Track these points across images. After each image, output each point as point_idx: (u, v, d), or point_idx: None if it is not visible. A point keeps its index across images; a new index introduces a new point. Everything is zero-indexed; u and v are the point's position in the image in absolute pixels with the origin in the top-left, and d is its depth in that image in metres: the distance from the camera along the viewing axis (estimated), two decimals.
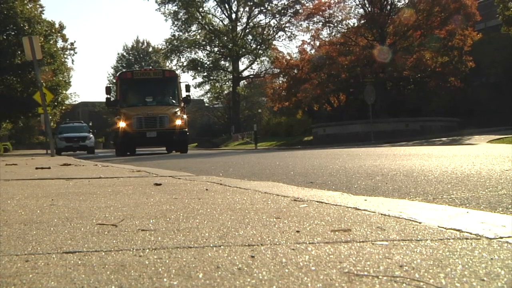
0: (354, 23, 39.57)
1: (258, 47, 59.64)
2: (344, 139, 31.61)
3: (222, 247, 1.85)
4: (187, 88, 26.83)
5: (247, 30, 60.55)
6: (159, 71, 27.98)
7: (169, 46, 59.41)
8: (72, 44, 55.49)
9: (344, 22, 39.39)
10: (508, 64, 33.20)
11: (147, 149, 33.49)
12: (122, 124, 23.72)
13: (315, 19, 38.60)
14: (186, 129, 24.70)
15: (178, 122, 23.88)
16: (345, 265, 1.55)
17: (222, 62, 62.23)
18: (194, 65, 59.49)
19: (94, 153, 36.14)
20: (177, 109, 24.60)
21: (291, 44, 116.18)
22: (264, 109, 66.08)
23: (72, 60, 78.14)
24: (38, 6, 40.94)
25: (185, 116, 25.21)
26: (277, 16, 58.76)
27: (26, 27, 34.72)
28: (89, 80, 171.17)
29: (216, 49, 60.68)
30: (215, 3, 59.63)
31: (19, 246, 1.96)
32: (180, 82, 27.15)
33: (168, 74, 27.34)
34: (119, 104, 24.90)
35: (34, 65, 17.94)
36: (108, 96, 25.79)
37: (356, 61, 35.73)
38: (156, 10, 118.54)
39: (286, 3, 57.32)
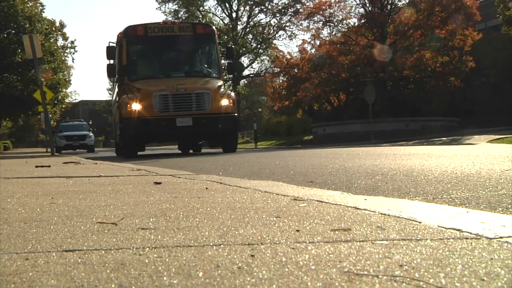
0: (354, 23, 39.69)
1: (259, 46, 59.63)
2: (344, 138, 31.61)
3: (222, 246, 1.85)
4: (229, 51, 19.00)
5: (248, 29, 60.54)
6: (187, 26, 18.50)
7: None
8: (72, 42, 55.50)
9: (344, 21, 39.51)
10: (508, 64, 33.20)
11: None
12: (135, 106, 15.45)
13: (315, 18, 38.69)
14: (236, 114, 16.68)
15: (224, 102, 15.93)
16: (345, 265, 1.55)
17: (223, 61, 62.09)
18: None
19: (94, 152, 36.15)
20: (220, 82, 16.87)
21: (291, 43, 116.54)
22: (264, 108, 66.15)
23: (73, 59, 78.82)
24: (38, 4, 40.97)
25: (232, 94, 17.07)
26: (278, 15, 58.75)
27: (27, 26, 34.74)
28: (89, 79, 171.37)
29: None
30: (216, 2, 59.61)
31: (19, 244, 1.96)
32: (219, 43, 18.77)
33: (202, 29, 18.35)
34: (128, 76, 16.46)
35: (34, 63, 17.94)
36: (112, 61, 17.53)
37: (356, 61, 35.77)
38: (156, 9, 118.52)
39: (286, 2, 57.33)
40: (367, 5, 37.45)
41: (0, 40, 34.63)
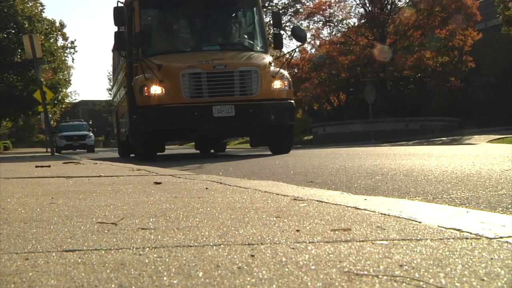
0: (354, 23, 39.75)
1: None
2: (344, 138, 31.62)
3: (222, 246, 1.85)
4: (277, 18, 14.11)
5: None
6: None
7: None
8: (72, 42, 55.40)
9: (344, 21, 39.59)
10: (508, 64, 33.22)
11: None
12: (155, 90, 11.48)
13: (315, 18, 38.76)
14: (293, 101, 12.75)
15: (277, 84, 11.97)
16: (345, 265, 1.55)
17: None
18: None
19: (94, 152, 36.16)
20: (269, 58, 12.75)
21: (291, 43, 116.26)
22: None
23: (73, 59, 78.45)
24: (38, 4, 40.99)
25: (286, 73, 12.74)
26: None
27: (27, 25, 34.78)
28: (89, 79, 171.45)
29: None
30: None
31: (19, 244, 1.96)
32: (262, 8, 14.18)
33: None
34: (142, 49, 12.14)
35: (34, 63, 17.95)
36: (121, 28, 12.83)
37: (356, 61, 35.80)
38: None
39: (286, 2, 57.25)
40: (367, 5, 37.48)
41: (0, 40, 34.64)
